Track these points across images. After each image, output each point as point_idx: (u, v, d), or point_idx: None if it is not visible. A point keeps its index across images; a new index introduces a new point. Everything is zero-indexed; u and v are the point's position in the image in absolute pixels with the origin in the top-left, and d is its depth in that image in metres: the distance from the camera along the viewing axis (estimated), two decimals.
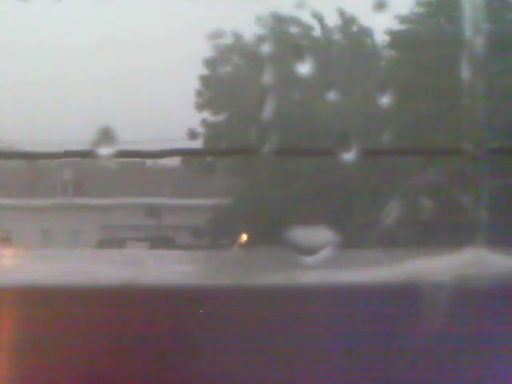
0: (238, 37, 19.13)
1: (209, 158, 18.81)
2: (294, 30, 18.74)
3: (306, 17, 18.75)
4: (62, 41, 16.54)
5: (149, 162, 18.57)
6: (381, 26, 17.88)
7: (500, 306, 2.88)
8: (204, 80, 19.42)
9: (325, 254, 3.36)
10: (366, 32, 18.83)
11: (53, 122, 16.63)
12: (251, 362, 2.89)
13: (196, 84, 19.41)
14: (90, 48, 16.40)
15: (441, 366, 2.86)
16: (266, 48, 18.15)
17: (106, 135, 5.17)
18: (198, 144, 18.93)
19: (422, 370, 2.86)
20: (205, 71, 19.36)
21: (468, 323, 2.84)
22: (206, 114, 19.53)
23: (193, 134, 19.15)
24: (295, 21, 18.67)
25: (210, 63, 19.36)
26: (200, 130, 19.45)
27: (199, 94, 19.42)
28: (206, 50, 18.98)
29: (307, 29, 19.02)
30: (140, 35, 16.24)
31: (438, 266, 3.44)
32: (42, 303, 2.93)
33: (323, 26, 19.00)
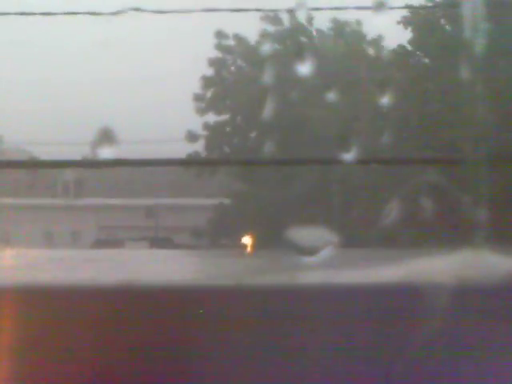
0: (239, 38, 19.11)
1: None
2: (295, 31, 18.74)
3: (307, 18, 18.76)
4: (63, 43, 16.54)
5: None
6: (380, 27, 17.90)
7: (500, 305, 2.89)
8: (206, 81, 19.39)
9: (325, 254, 3.37)
10: (366, 33, 18.85)
11: (53, 122, 16.62)
12: (251, 361, 2.89)
13: (198, 86, 19.38)
14: (91, 49, 16.39)
15: (441, 365, 2.86)
16: (268, 50, 18.16)
17: (106, 135, 5.18)
18: (199, 145, 18.89)
19: (422, 368, 2.86)
20: (207, 73, 19.34)
21: (468, 323, 2.84)
22: (209, 116, 19.50)
23: (193, 136, 19.11)
24: (296, 22, 18.68)
25: (212, 65, 19.34)
26: (202, 131, 19.40)
27: (201, 95, 19.39)
28: (209, 52, 18.96)
29: (309, 31, 19.03)
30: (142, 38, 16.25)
31: (437, 266, 3.45)
32: (41, 303, 2.93)
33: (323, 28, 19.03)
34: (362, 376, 2.86)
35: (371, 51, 18.63)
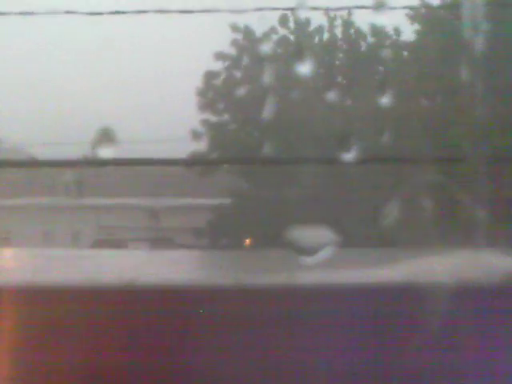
0: (243, 35, 19.05)
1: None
2: (296, 30, 18.73)
3: (310, 18, 18.76)
4: (63, 42, 16.55)
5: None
6: (380, 27, 17.91)
7: (500, 305, 2.89)
8: (207, 80, 19.34)
9: (325, 254, 3.37)
10: (366, 33, 18.85)
11: (53, 122, 16.62)
12: (251, 361, 2.89)
13: (199, 84, 19.33)
14: (93, 48, 16.40)
15: (441, 365, 2.86)
16: (268, 48, 18.14)
17: (106, 135, 5.17)
18: (200, 145, 18.85)
19: (422, 368, 2.86)
20: (207, 72, 19.29)
21: (468, 322, 2.84)
22: (209, 115, 19.44)
23: (196, 135, 19.07)
24: (297, 22, 18.68)
25: (217, 60, 19.29)
26: (202, 130, 19.35)
27: (202, 94, 19.34)
28: (209, 52, 18.94)
29: (311, 30, 19.02)
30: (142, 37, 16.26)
31: (437, 266, 3.45)
32: (41, 303, 2.94)
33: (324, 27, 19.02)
34: (361, 376, 2.86)
35: (372, 50, 18.63)
